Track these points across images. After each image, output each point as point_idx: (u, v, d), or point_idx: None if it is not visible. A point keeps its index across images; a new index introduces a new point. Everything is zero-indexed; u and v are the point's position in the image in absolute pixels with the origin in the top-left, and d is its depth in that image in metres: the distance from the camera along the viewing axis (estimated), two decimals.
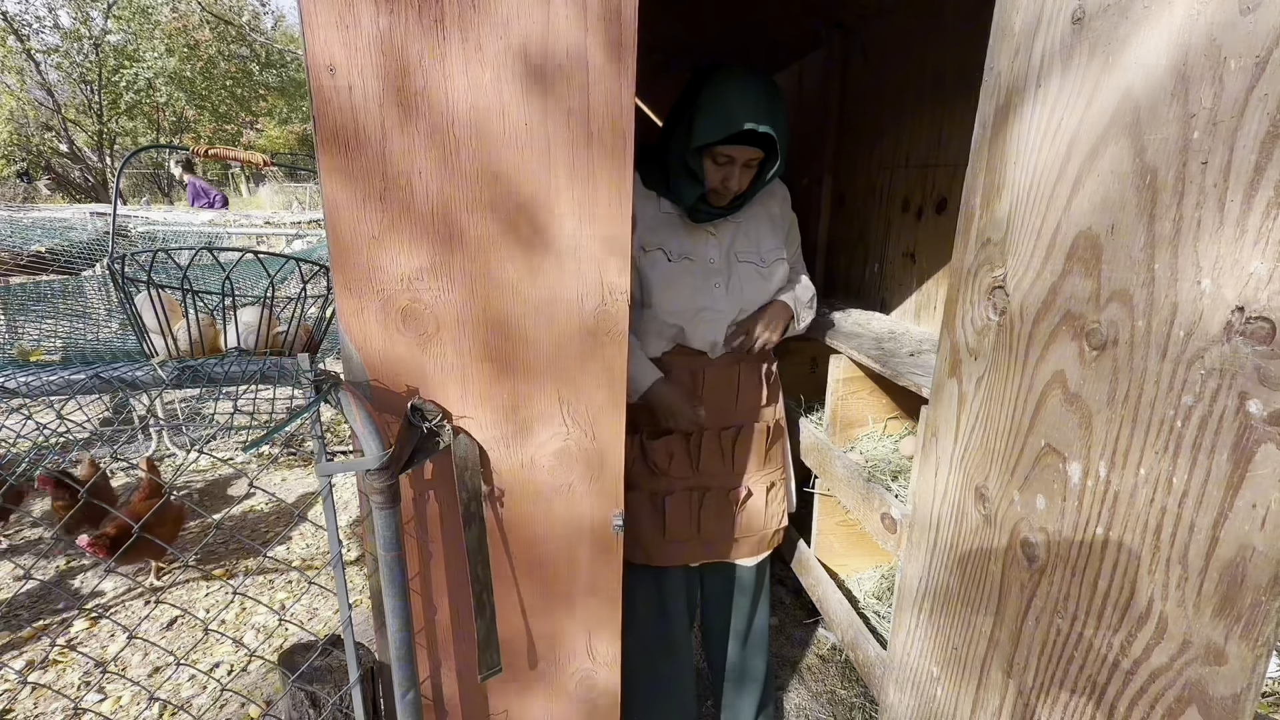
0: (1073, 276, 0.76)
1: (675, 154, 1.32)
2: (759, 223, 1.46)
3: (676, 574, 1.54)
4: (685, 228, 1.40)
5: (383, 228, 0.90)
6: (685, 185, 1.32)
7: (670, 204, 1.39)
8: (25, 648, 2.17)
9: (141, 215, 5.24)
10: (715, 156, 1.28)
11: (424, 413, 0.96)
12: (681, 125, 1.30)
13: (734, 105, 1.22)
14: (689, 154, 1.28)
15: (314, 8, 0.81)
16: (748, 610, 1.63)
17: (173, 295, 1.01)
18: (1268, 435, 0.58)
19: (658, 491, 1.46)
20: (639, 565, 1.51)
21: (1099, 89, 0.72)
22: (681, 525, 1.47)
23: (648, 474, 1.47)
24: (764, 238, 1.46)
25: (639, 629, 1.57)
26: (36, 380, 0.80)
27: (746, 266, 1.43)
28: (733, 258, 1.43)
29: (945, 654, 1.06)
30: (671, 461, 1.45)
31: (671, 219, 1.40)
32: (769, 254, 1.45)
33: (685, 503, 1.47)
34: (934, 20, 1.63)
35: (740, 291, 1.42)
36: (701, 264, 1.40)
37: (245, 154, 1.15)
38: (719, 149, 1.27)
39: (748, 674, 1.69)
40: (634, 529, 1.46)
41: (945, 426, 1.02)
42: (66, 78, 15.77)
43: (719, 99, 1.23)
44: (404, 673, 0.98)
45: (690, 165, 1.29)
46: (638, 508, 1.46)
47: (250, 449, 3.05)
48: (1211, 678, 0.65)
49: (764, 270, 1.45)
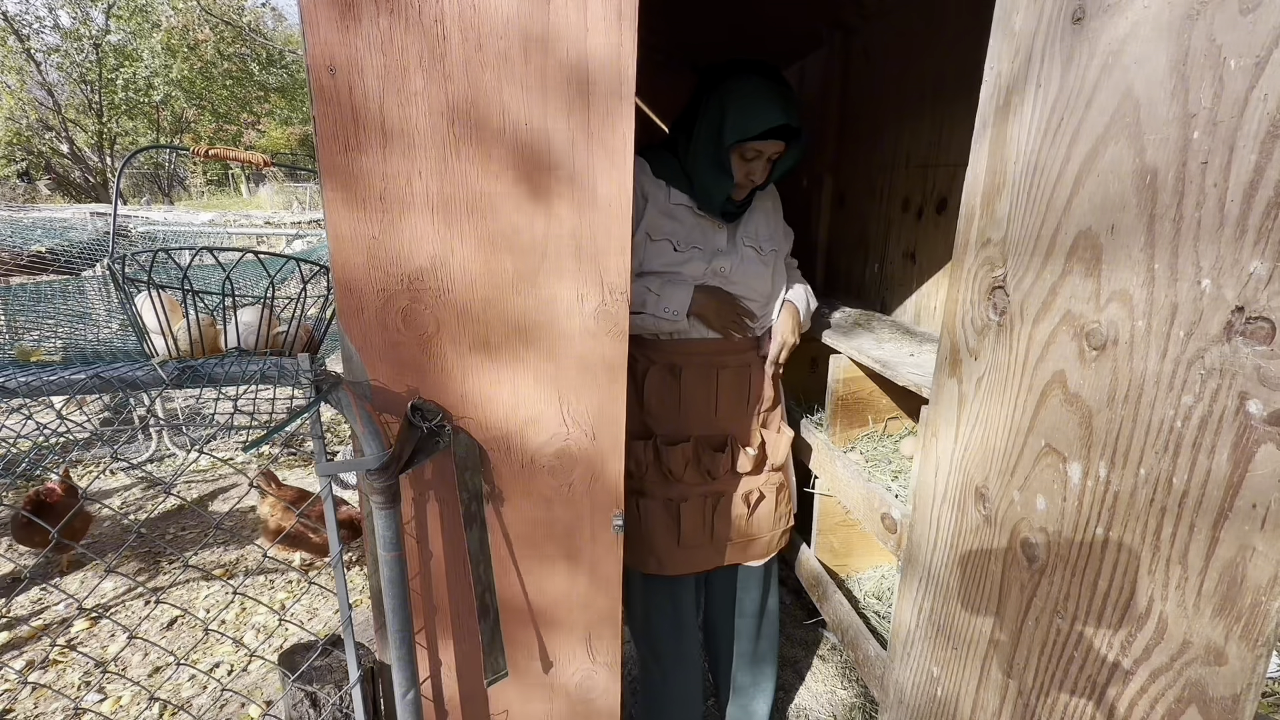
0: (1073, 276, 0.76)
1: (704, 151, 1.33)
2: (755, 214, 1.50)
3: (689, 582, 1.55)
4: (693, 218, 1.41)
5: (383, 228, 0.90)
6: (714, 182, 1.33)
7: (680, 194, 1.40)
8: (25, 648, 2.17)
9: (142, 215, 5.24)
10: (744, 152, 1.31)
11: (424, 412, 0.96)
12: (707, 122, 1.32)
13: (766, 101, 1.25)
14: (722, 150, 1.29)
15: (314, 8, 0.81)
16: (756, 610, 1.64)
17: (173, 295, 1.01)
18: (1268, 435, 0.58)
19: (672, 498, 1.46)
20: (652, 576, 1.51)
21: (1099, 89, 0.72)
22: (696, 531, 1.47)
23: (661, 480, 1.47)
24: (760, 228, 1.50)
25: (653, 641, 1.58)
26: (36, 380, 0.80)
27: (749, 250, 1.47)
28: (739, 241, 1.46)
29: (945, 654, 1.05)
30: (686, 468, 1.45)
31: (680, 210, 1.41)
32: (765, 243, 1.49)
33: (699, 508, 1.47)
34: (934, 20, 1.63)
35: (744, 274, 1.45)
36: (708, 251, 1.43)
37: (245, 154, 1.15)
38: (750, 144, 1.29)
39: (760, 671, 1.70)
40: (648, 537, 1.46)
41: (945, 426, 1.02)
42: (67, 78, 15.78)
43: (750, 96, 1.26)
44: (404, 673, 0.98)
45: (723, 161, 1.31)
46: (652, 515, 1.46)
47: (250, 449, 3.05)
48: (1211, 678, 0.65)
49: (763, 257, 1.48)
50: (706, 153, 1.32)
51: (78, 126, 16.51)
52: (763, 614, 1.66)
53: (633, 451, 1.44)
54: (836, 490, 1.62)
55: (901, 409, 1.71)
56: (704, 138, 1.32)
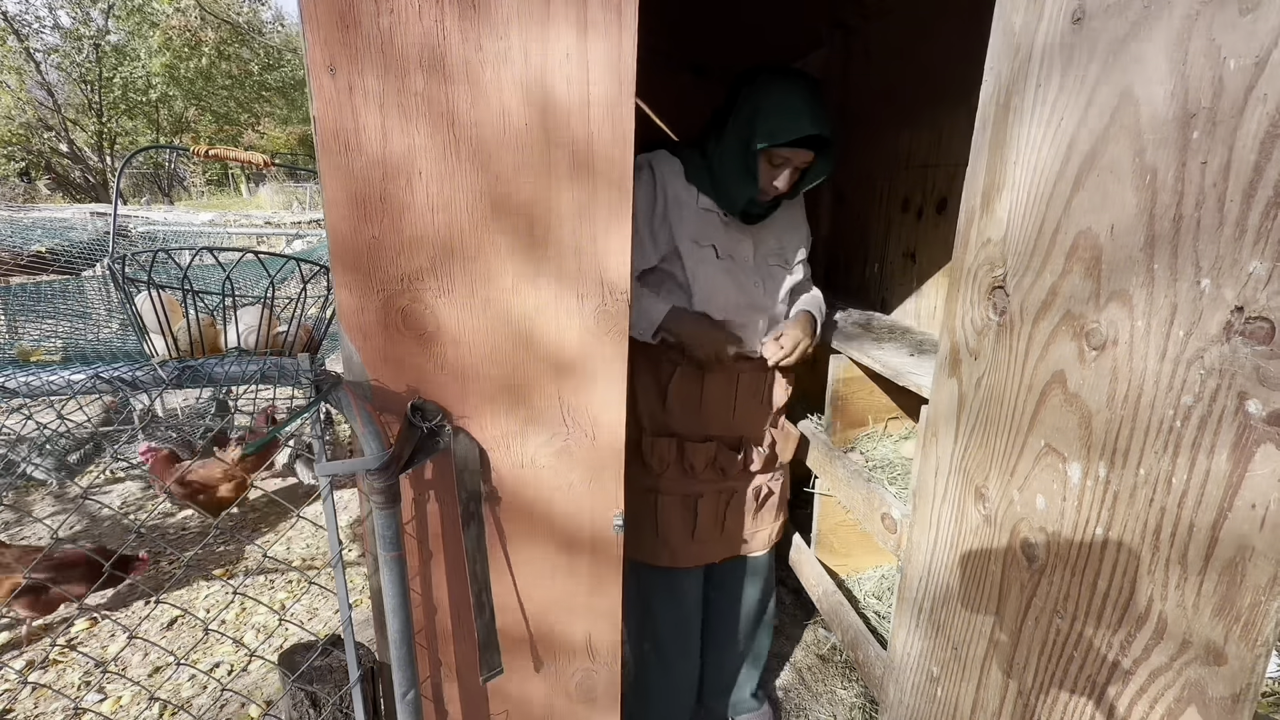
0: (1073, 276, 0.76)
1: (731, 155, 1.32)
2: (783, 227, 1.50)
3: (697, 574, 1.59)
4: (723, 226, 1.41)
5: (383, 228, 0.90)
6: (739, 186, 1.32)
7: (709, 201, 1.39)
8: (25, 648, 2.17)
9: (142, 215, 5.25)
10: (772, 158, 1.29)
11: (424, 412, 0.96)
12: (737, 124, 1.30)
13: (797, 109, 1.24)
14: (749, 154, 1.28)
15: (314, 8, 0.81)
16: (758, 595, 1.68)
17: (173, 295, 1.01)
18: (1267, 435, 0.58)
19: (690, 494, 1.50)
20: (661, 569, 1.54)
21: (1099, 89, 0.72)
22: (710, 525, 1.52)
23: (681, 476, 1.49)
24: (788, 241, 1.50)
25: (658, 634, 1.60)
26: (36, 380, 0.80)
27: (775, 269, 1.48)
28: (763, 260, 1.47)
29: (945, 654, 1.06)
30: (707, 466, 1.48)
31: (709, 217, 1.40)
32: (792, 256, 1.50)
33: (714, 504, 1.52)
34: (934, 20, 1.63)
35: (775, 292, 1.47)
36: (741, 263, 1.43)
37: (245, 154, 1.15)
38: (778, 151, 1.27)
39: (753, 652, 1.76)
40: (663, 531, 1.50)
41: (945, 426, 1.02)
42: (66, 78, 15.78)
43: (782, 102, 1.24)
44: (404, 673, 0.98)
45: (749, 165, 1.30)
46: (669, 510, 1.50)
47: (251, 450, 3.03)
48: (1211, 678, 0.65)
49: (789, 271, 1.50)
50: (734, 154, 1.31)
51: (77, 126, 16.50)
52: (762, 603, 1.70)
53: (656, 450, 1.46)
54: (836, 490, 1.62)
55: (901, 409, 1.71)
56: (733, 139, 1.31)
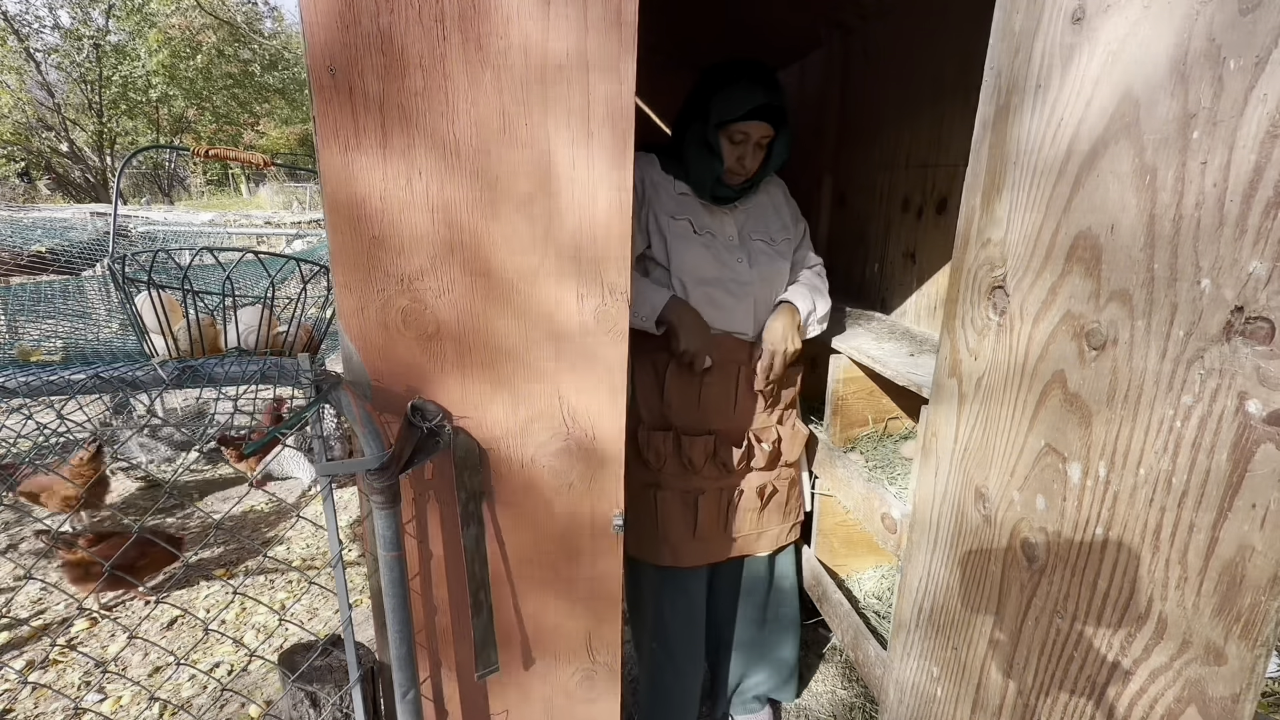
0: (1073, 276, 0.76)
1: (694, 136, 1.41)
2: (764, 210, 1.56)
3: (702, 574, 1.57)
4: (703, 207, 1.48)
5: (383, 228, 0.90)
6: (705, 164, 1.40)
7: (684, 185, 1.47)
8: (25, 648, 2.17)
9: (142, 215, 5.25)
10: (732, 135, 1.37)
11: (424, 412, 0.96)
12: (696, 110, 1.41)
13: (747, 84, 1.34)
14: (709, 131, 1.37)
15: (314, 8, 0.81)
16: (763, 598, 1.66)
17: (173, 295, 1.01)
18: (1267, 435, 0.58)
19: (690, 490, 1.48)
20: (665, 569, 1.52)
21: (1099, 89, 0.72)
22: (711, 523, 1.51)
23: (680, 472, 1.48)
24: (770, 221, 1.56)
25: (667, 636, 1.58)
26: (36, 380, 0.80)
27: (759, 244, 1.52)
28: (747, 236, 1.51)
29: (945, 654, 1.06)
30: (706, 461, 1.47)
31: (688, 200, 1.47)
32: (777, 234, 1.55)
33: (716, 501, 1.50)
34: (934, 20, 1.63)
35: (759, 265, 1.49)
36: (722, 239, 1.48)
37: (245, 154, 1.15)
38: (735, 126, 1.35)
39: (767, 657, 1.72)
40: (663, 529, 1.49)
41: (945, 426, 1.02)
42: (66, 77, 15.78)
43: (734, 81, 1.35)
44: (404, 673, 0.98)
45: (710, 142, 1.37)
46: (669, 506, 1.48)
47: (251, 451, 3.03)
48: (1211, 678, 0.65)
49: (776, 248, 1.53)
50: (697, 137, 1.40)
51: (77, 126, 16.50)
52: (771, 606, 1.68)
53: (652, 443, 1.46)
54: (836, 490, 1.62)
55: (901, 409, 1.71)
56: (696, 124, 1.41)
